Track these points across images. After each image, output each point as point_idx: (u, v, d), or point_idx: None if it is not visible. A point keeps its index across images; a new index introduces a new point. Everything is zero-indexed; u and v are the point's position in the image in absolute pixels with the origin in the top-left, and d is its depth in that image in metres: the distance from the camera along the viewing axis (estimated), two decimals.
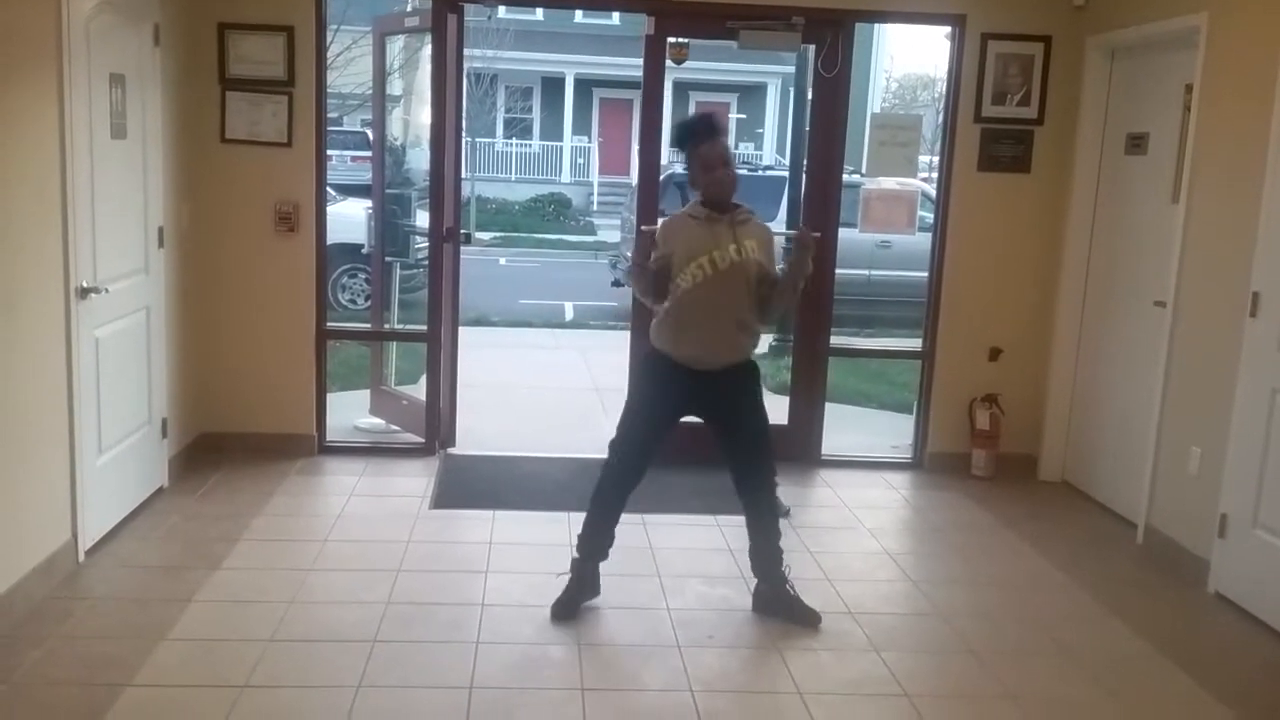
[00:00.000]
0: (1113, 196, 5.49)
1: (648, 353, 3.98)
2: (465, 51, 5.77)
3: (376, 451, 5.82)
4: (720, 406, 3.88)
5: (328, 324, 5.75)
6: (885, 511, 5.33)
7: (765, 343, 9.05)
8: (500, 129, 24.99)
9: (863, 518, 5.14)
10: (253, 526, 4.64)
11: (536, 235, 19.82)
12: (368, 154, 14.23)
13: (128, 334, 4.59)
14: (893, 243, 10.07)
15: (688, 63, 6.07)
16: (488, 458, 5.79)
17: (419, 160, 7.75)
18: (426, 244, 5.81)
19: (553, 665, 3.57)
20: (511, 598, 4.04)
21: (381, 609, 3.89)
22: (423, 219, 6.00)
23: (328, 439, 5.77)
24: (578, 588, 3.95)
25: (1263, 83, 4.20)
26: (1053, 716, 3.42)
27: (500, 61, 20.94)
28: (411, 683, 3.40)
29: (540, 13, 22.97)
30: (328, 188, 5.72)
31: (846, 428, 6.42)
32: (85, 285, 4.11)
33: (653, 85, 5.77)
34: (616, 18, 22.51)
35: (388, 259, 6.62)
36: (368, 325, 7.36)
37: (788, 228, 8.81)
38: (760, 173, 13.02)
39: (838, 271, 5.88)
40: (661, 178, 6.25)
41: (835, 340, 6.05)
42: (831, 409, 6.10)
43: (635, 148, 7.30)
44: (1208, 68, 4.60)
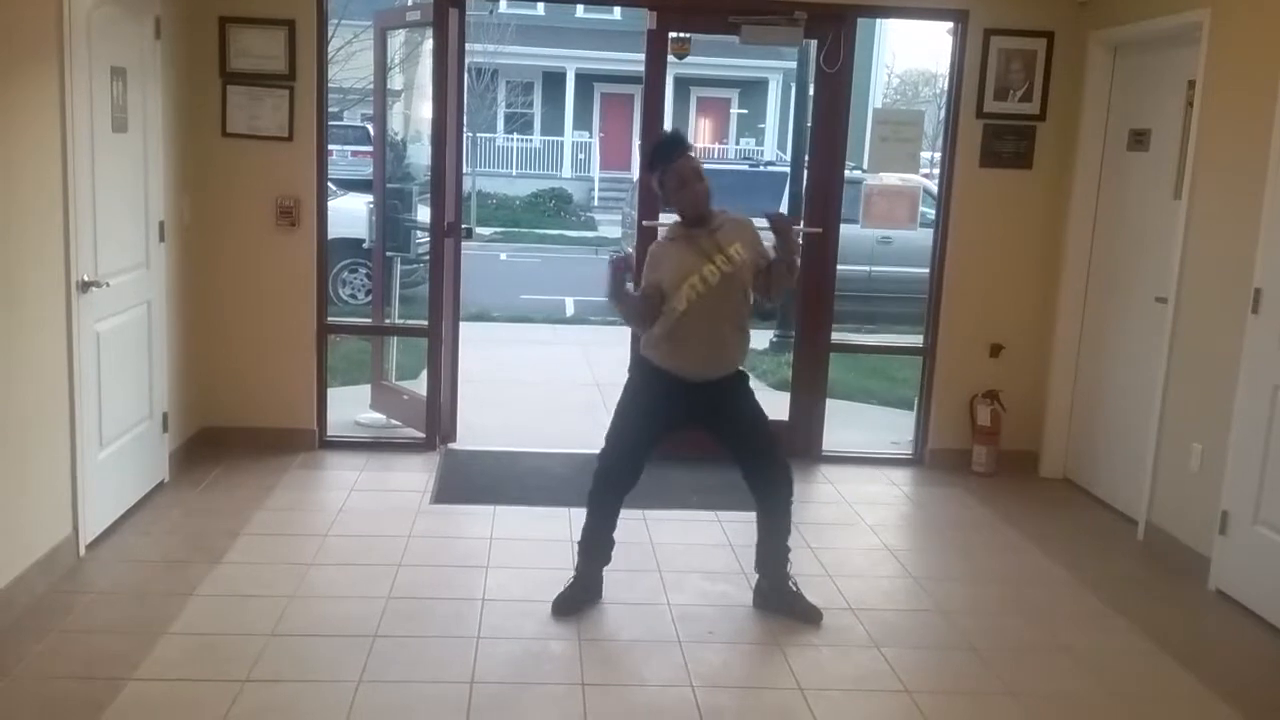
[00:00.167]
0: (1114, 192, 5.48)
1: (639, 363, 3.92)
2: (466, 46, 5.76)
3: (377, 446, 5.82)
4: (720, 412, 3.87)
5: (328, 319, 5.75)
6: (886, 508, 5.33)
7: (766, 339, 9.07)
8: (501, 124, 24.94)
9: (863, 514, 5.15)
10: (254, 521, 4.64)
11: (537, 230, 19.85)
12: (369, 149, 14.24)
13: (129, 328, 4.59)
14: (894, 239, 10.09)
15: (689, 58, 6.06)
16: (488, 453, 5.79)
17: (420, 155, 7.73)
18: (427, 239, 5.80)
19: (553, 660, 3.58)
20: (512, 593, 4.04)
21: (382, 604, 3.89)
22: (424, 214, 5.99)
23: (328, 434, 5.78)
24: (580, 588, 3.96)
25: (1265, 79, 4.19)
26: (1053, 712, 3.42)
27: (501, 56, 20.88)
28: (412, 677, 3.40)
29: (541, 7, 22.99)
30: (328, 182, 5.72)
31: (847, 424, 6.43)
32: (86, 279, 4.11)
33: (654, 80, 5.77)
34: (618, 12, 22.41)
35: (388, 254, 6.60)
36: (368, 320, 7.34)
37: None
38: (762, 168, 13.03)
39: (839, 267, 5.88)
40: None
41: (836, 336, 6.05)
42: (832, 405, 6.10)
43: (636, 143, 7.29)
44: (1210, 64, 4.59)
